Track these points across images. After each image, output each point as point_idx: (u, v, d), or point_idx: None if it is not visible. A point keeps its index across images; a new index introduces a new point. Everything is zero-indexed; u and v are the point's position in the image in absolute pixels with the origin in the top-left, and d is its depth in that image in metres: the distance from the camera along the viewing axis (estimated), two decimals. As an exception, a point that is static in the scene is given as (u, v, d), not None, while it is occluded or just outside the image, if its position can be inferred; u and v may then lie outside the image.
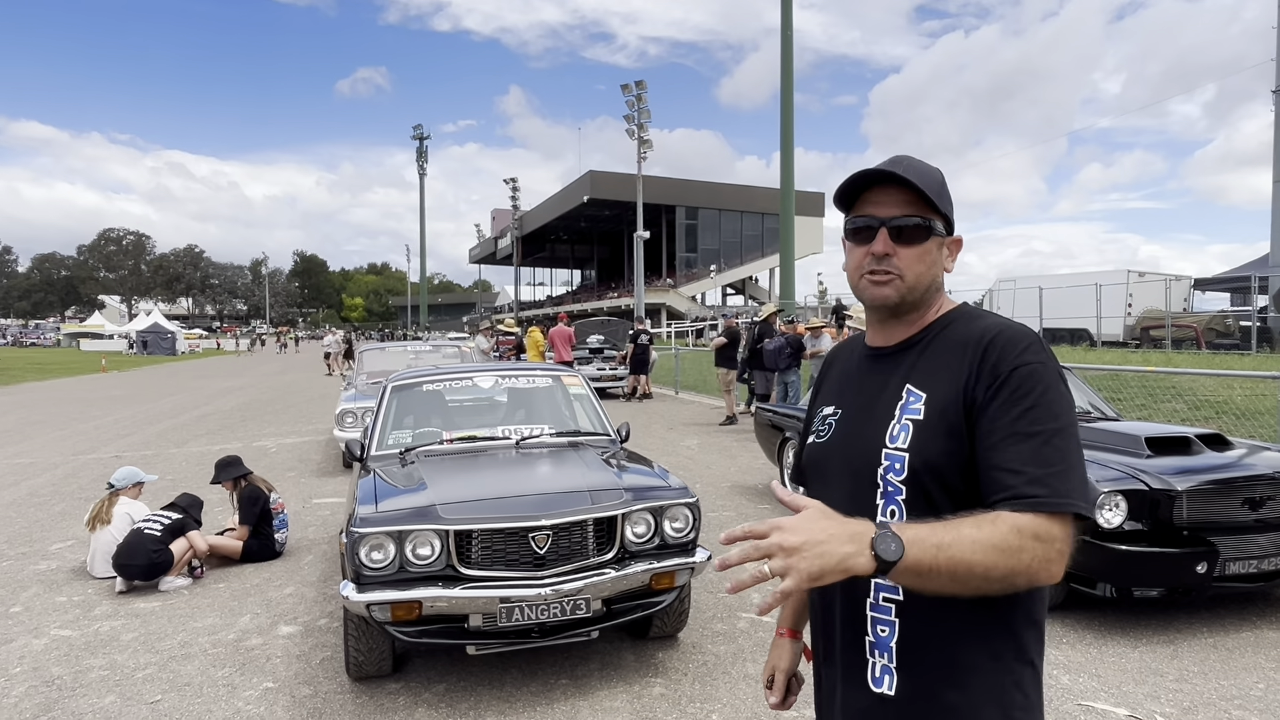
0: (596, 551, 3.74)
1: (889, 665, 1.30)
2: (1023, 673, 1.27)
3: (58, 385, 25.84)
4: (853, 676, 1.35)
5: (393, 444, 4.83)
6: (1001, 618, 1.27)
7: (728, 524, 6.82)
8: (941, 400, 1.28)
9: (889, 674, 1.30)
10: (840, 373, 1.55)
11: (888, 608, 1.30)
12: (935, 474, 1.26)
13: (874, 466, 1.32)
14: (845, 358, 1.57)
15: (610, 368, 19.09)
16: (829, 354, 1.68)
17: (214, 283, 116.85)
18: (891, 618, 1.30)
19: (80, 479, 9.35)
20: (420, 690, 3.81)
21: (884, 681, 1.31)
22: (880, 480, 1.31)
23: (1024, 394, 1.22)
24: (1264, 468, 4.52)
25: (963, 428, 1.26)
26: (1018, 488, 1.17)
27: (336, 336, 30.84)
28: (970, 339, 1.31)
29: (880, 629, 1.31)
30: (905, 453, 1.29)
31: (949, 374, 1.30)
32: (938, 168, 1.40)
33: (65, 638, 4.55)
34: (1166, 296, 24.95)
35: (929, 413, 1.29)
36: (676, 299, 56.57)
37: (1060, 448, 1.19)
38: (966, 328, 1.34)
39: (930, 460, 1.27)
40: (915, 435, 1.29)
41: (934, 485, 1.27)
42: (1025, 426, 1.20)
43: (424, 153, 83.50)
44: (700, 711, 3.57)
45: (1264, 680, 3.77)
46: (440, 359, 12.30)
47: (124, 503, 5.80)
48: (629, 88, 42.03)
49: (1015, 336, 1.28)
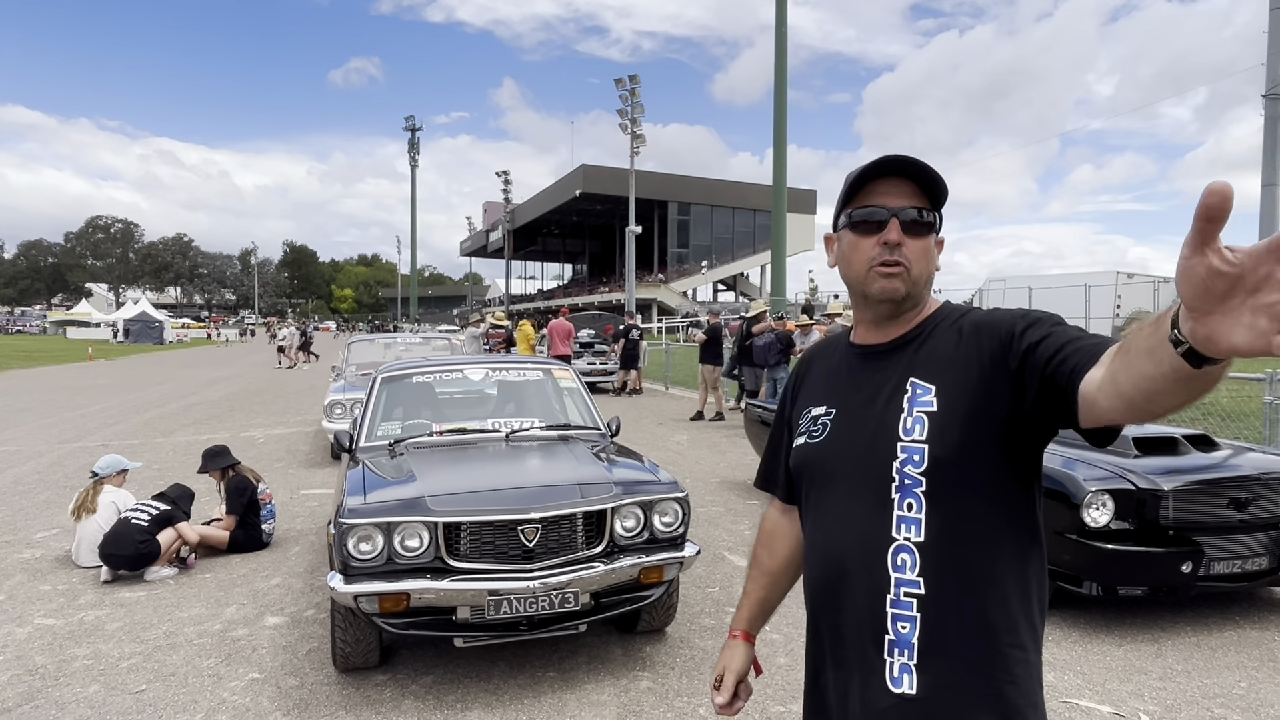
0: (585, 545, 3.73)
1: (908, 663, 1.27)
2: (1037, 663, 1.29)
3: (44, 373, 25.65)
4: (868, 679, 1.31)
5: (382, 435, 4.81)
6: (1024, 609, 1.28)
7: (716, 519, 6.83)
8: (955, 388, 1.28)
9: (909, 672, 1.27)
10: (826, 372, 1.52)
11: (909, 603, 1.28)
12: (958, 462, 1.26)
13: (888, 461, 1.31)
14: (827, 357, 1.55)
15: (600, 362, 19.09)
16: (805, 354, 1.65)
17: (203, 272, 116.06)
18: (914, 613, 1.27)
19: (66, 467, 9.28)
20: (407, 682, 3.80)
21: (903, 681, 1.27)
22: (896, 474, 1.30)
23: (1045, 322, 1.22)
24: (1249, 469, 4.56)
25: (981, 410, 1.25)
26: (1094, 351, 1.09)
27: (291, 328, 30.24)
28: (966, 326, 1.32)
29: (901, 625, 1.28)
30: (924, 444, 1.28)
31: (957, 360, 1.29)
32: None
33: (49, 626, 4.52)
34: (1154, 298, 25.12)
35: (943, 403, 1.28)
36: (668, 294, 56.59)
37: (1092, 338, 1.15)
38: (960, 319, 1.35)
39: (952, 448, 1.26)
40: (932, 426, 1.28)
41: (957, 473, 1.27)
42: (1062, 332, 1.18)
43: (416, 144, 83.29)
44: (687, 706, 3.57)
45: (1246, 679, 3.81)
46: (430, 352, 12.26)
47: (109, 491, 5.76)
48: (622, 82, 42.01)
49: (1009, 311, 1.31)
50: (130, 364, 31.05)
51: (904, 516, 1.29)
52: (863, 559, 1.33)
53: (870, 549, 1.32)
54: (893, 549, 1.30)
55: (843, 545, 1.37)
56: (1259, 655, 4.07)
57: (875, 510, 1.32)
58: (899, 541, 1.29)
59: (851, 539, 1.36)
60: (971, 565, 1.27)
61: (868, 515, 1.33)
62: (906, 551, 1.29)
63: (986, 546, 1.27)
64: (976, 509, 1.27)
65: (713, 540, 6.16)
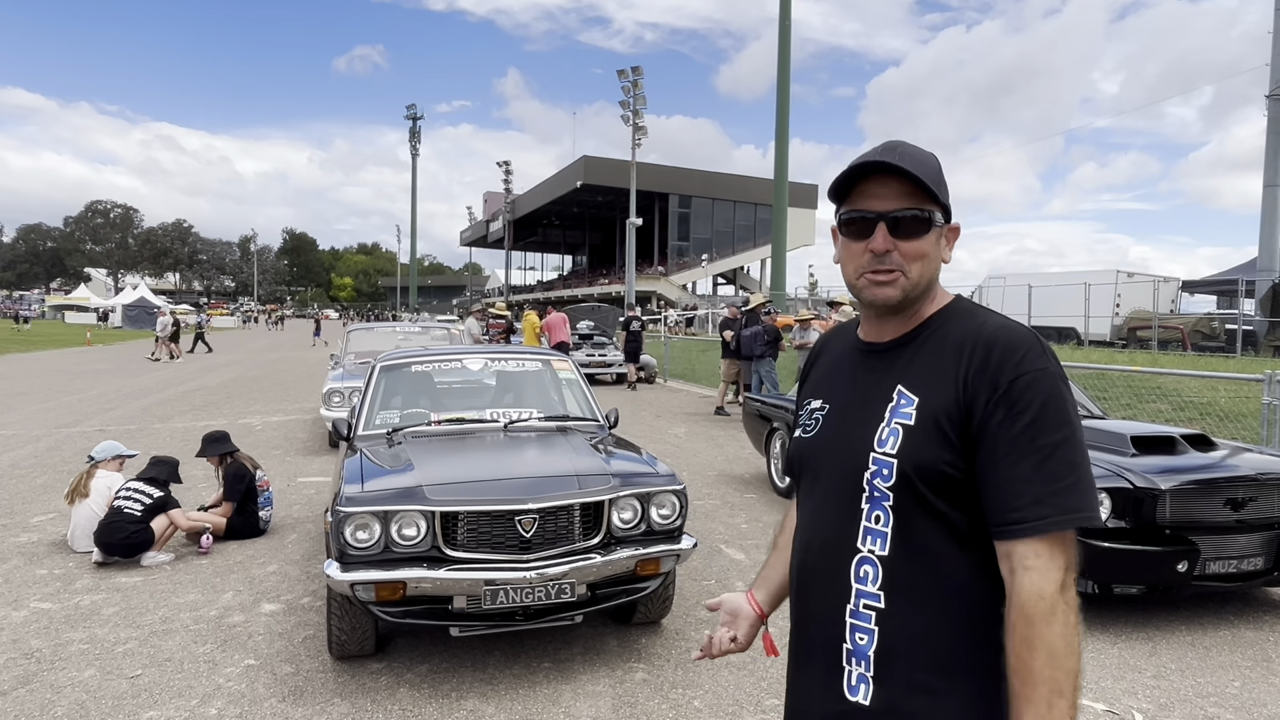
0: (582, 536, 3.73)
1: (865, 674, 1.26)
2: (1001, 686, 1.20)
3: (42, 357, 25.61)
4: (829, 681, 1.31)
5: (380, 424, 4.81)
6: (987, 628, 1.22)
7: (713, 512, 6.84)
8: (934, 407, 1.24)
9: (865, 683, 1.26)
10: (830, 364, 1.49)
11: (868, 615, 1.26)
12: (925, 482, 1.22)
13: (860, 470, 1.28)
14: (835, 348, 1.50)
15: (600, 354, 19.07)
16: (817, 343, 1.62)
17: (202, 258, 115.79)
18: (871, 625, 1.26)
19: (63, 451, 9.27)
20: (403, 671, 3.80)
21: (859, 690, 1.26)
22: (866, 485, 1.27)
23: (1024, 407, 1.18)
24: (1246, 469, 4.56)
25: (956, 438, 1.21)
26: (1022, 511, 1.15)
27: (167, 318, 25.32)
28: (966, 341, 1.25)
29: (859, 636, 1.27)
30: (894, 459, 1.24)
31: (943, 379, 1.25)
32: (932, 153, 1.33)
33: (45, 610, 4.52)
34: (1154, 298, 25.07)
35: (920, 418, 1.24)
36: (667, 287, 56.50)
37: (1068, 459, 1.16)
38: (963, 327, 1.28)
39: (920, 468, 1.22)
40: (905, 441, 1.24)
41: (923, 493, 1.23)
42: (1029, 441, 1.16)
43: (417, 133, 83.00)
44: (682, 697, 3.58)
45: (1239, 678, 3.82)
46: (429, 341, 12.24)
47: (102, 476, 5.75)
48: (625, 73, 41.87)
49: (1013, 342, 1.22)
50: (130, 349, 30.99)
51: (870, 528, 1.27)
52: (828, 563, 1.32)
53: (837, 556, 1.31)
54: (856, 560, 1.28)
55: (813, 546, 1.37)
56: (1253, 655, 4.08)
57: (845, 518, 1.30)
58: (863, 553, 1.27)
59: (821, 542, 1.35)
60: (933, 584, 1.23)
61: (839, 522, 1.31)
62: (869, 564, 1.27)
63: (949, 567, 1.23)
64: (941, 528, 1.23)
65: (710, 533, 6.16)
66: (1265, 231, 24.53)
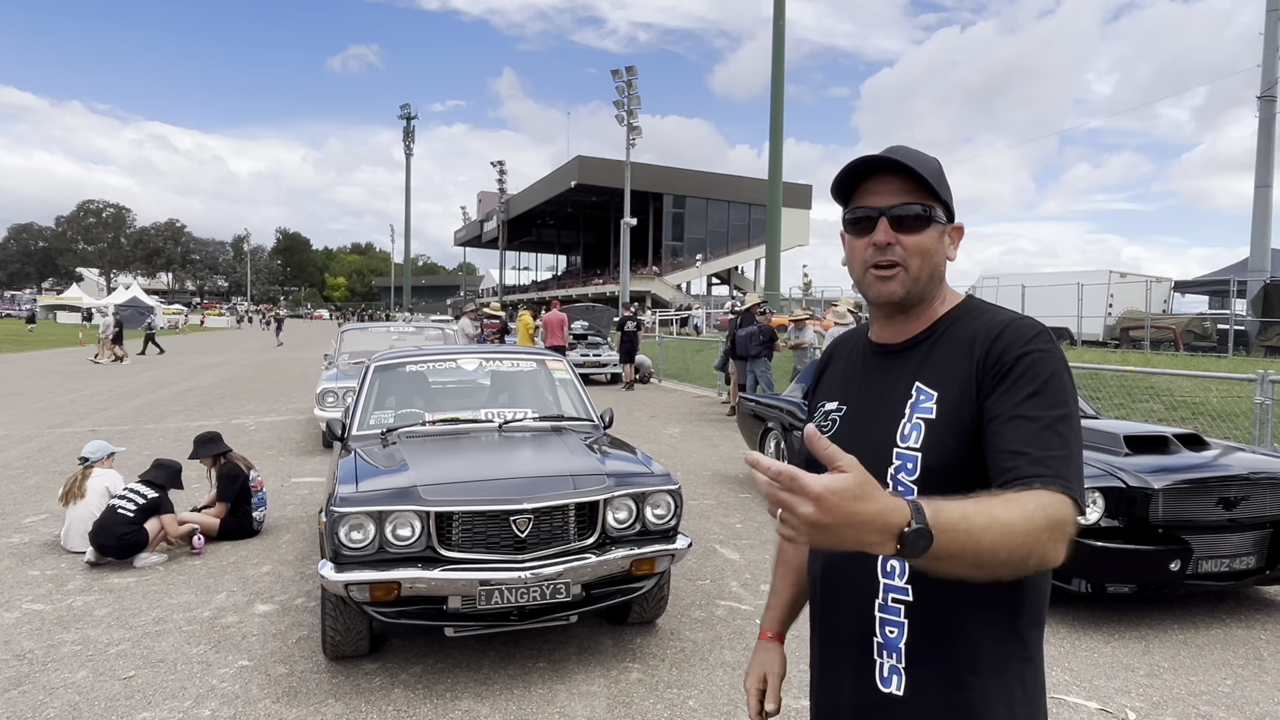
0: (577, 536, 3.73)
1: (897, 665, 1.29)
2: (1024, 670, 1.27)
3: (34, 357, 25.49)
4: (861, 676, 1.33)
5: (374, 424, 4.80)
6: (1010, 619, 1.26)
7: (708, 512, 6.84)
8: (953, 399, 1.27)
9: (897, 674, 1.29)
10: (844, 367, 1.51)
11: (896, 609, 1.29)
12: (949, 474, 1.24)
13: (884, 467, 1.29)
14: (848, 352, 1.53)
15: (594, 354, 19.06)
16: (830, 346, 1.64)
17: (195, 258, 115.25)
18: (900, 619, 1.29)
19: (55, 452, 9.23)
20: (397, 671, 3.80)
21: (892, 681, 1.30)
22: (890, 480, 1.29)
23: (1029, 380, 1.21)
24: (1239, 468, 4.58)
25: (975, 426, 1.24)
26: (1019, 468, 1.16)
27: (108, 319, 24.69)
28: (979, 333, 1.29)
29: (889, 630, 1.30)
30: (918, 452, 1.27)
31: (959, 370, 1.28)
32: (934, 157, 1.37)
33: (37, 611, 4.50)
34: (1147, 298, 25.14)
35: (941, 411, 1.27)
36: (662, 287, 56.50)
37: (1062, 434, 1.18)
38: (974, 323, 1.32)
39: (944, 460, 1.25)
40: (928, 435, 1.27)
41: (947, 486, 1.22)
42: (1029, 410, 1.19)
43: (411, 132, 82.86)
44: (677, 697, 3.58)
45: (1232, 677, 3.83)
46: (423, 341, 12.22)
47: (99, 475, 5.74)
48: (619, 73, 41.89)
49: (1024, 327, 1.27)
50: (121, 349, 30.80)
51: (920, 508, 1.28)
52: (855, 562, 1.33)
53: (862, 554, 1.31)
54: (883, 556, 1.27)
55: None
56: (1245, 654, 4.10)
57: None
58: None
59: None
60: None
61: None
62: (896, 559, 1.27)
63: None
64: None
65: (704, 533, 6.17)
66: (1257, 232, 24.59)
